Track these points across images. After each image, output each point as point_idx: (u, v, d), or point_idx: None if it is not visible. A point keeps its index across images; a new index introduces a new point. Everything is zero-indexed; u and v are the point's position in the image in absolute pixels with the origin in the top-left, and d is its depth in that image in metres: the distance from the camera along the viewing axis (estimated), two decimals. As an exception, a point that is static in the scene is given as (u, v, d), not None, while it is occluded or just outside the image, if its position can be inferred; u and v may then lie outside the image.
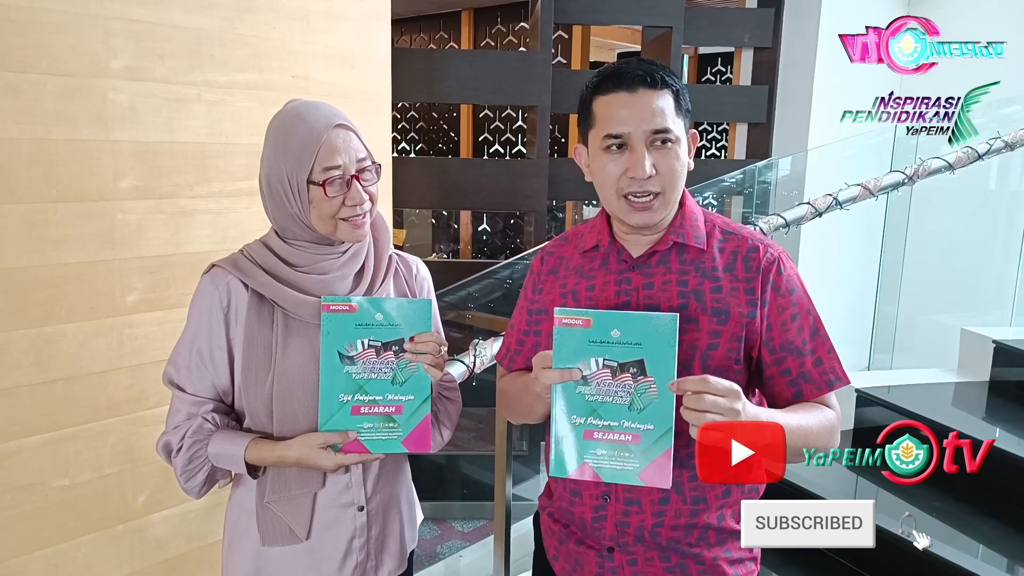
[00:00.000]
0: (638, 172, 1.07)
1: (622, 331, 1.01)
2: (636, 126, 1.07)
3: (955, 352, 3.05)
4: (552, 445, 1.06)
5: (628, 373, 1.02)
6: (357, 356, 1.13)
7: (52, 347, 1.82)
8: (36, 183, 1.76)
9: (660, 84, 1.08)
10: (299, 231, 1.20)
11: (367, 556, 1.27)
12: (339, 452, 1.15)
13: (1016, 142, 2.92)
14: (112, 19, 1.83)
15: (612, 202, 1.13)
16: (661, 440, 1.02)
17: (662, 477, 1.03)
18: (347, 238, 1.19)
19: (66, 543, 1.88)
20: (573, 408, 1.04)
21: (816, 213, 2.63)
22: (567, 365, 1.03)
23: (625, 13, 3.82)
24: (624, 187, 1.10)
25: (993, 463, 2.38)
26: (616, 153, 1.09)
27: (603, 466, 1.04)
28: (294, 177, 1.15)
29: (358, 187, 1.16)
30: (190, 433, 1.17)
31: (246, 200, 2.11)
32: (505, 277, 2.96)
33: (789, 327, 1.11)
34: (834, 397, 1.15)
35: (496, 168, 4.11)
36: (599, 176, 1.13)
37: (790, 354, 1.11)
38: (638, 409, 1.02)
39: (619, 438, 1.03)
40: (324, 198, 1.15)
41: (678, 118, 1.10)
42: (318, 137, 1.14)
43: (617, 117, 1.09)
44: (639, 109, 1.08)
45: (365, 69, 2.38)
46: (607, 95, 1.10)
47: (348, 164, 1.16)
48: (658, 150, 1.08)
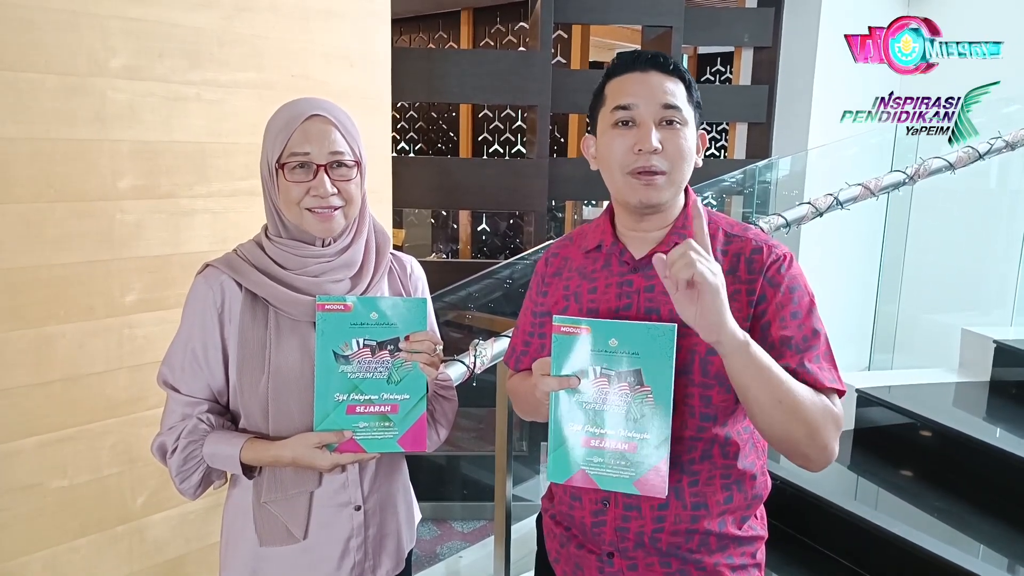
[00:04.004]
0: (645, 144, 1.07)
1: (620, 340, 1.01)
2: (646, 100, 1.08)
3: (956, 352, 3.05)
4: (550, 451, 1.06)
5: (625, 382, 1.02)
6: (352, 355, 1.13)
7: (51, 347, 1.81)
8: (35, 183, 1.75)
9: (673, 70, 1.11)
10: (279, 223, 1.21)
11: (364, 556, 1.26)
12: (335, 451, 1.15)
13: (1017, 142, 2.92)
14: (111, 18, 1.83)
15: (617, 179, 1.12)
16: (657, 450, 1.02)
17: (658, 486, 1.03)
18: (314, 230, 1.19)
19: (65, 544, 1.88)
20: (571, 415, 1.04)
21: (817, 213, 2.62)
22: (565, 373, 1.03)
23: (625, 12, 3.82)
24: (630, 163, 1.09)
25: (993, 463, 2.39)
26: (624, 129, 1.10)
27: (600, 474, 1.05)
28: (271, 160, 1.17)
29: (324, 178, 1.16)
30: (185, 434, 1.17)
31: (246, 200, 2.11)
32: (505, 277, 2.96)
33: (788, 324, 1.09)
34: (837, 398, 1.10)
35: (496, 168, 4.11)
36: (605, 152, 1.13)
37: (788, 349, 1.09)
38: (635, 418, 1.02)
39: (616, 446, 1.03)
40: (287, 183, 1.16)
41: (689, 105, 1.11)
42: (292, 123, 1.16)
43: (628, 91, 1.10)
44: (650, 86, 1.09)
45: (364, 68, 2.38)
46: (619, 76, 1.12)
47: (317, 153, 1.16)
48: (666, 129, 1.09)
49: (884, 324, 3.66)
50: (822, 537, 2.26)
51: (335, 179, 1.17)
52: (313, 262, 1.21)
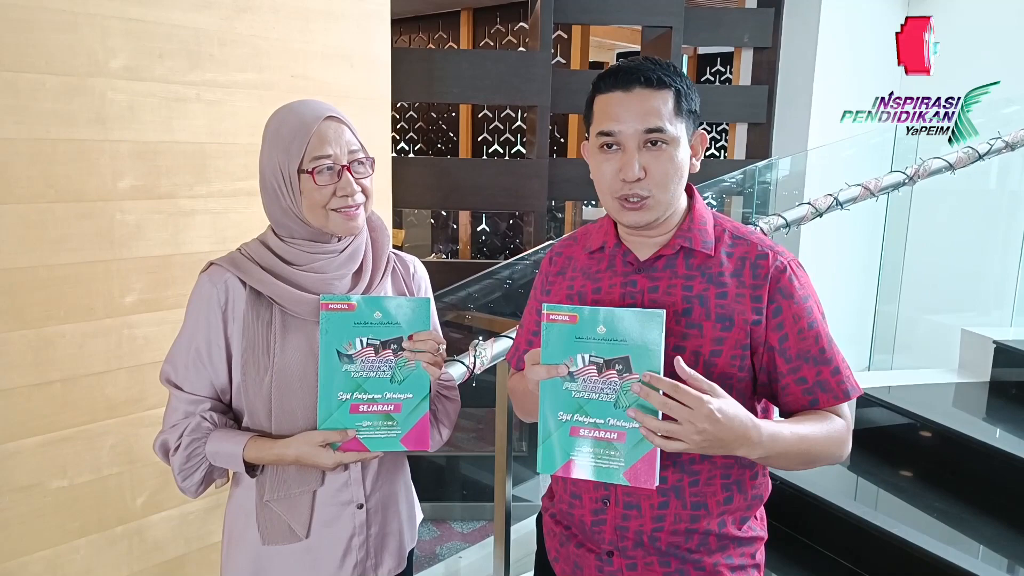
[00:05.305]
0: (627, 174, 1.07)
1: (608, 327, 0.99)
2: (628, 125, 1.06)
3: (956, 352, 3.05)
4: (540, 441, 1.05)
5: (613, 370, 1.00)
6: (356, 355, 1.13)
7: (51, 348, 1.81)
8: (34, 183, 1.75)
9: (658, 83, 1.07)
10: (293, 225, 1.20)
11: (367, 554, 1.26)
12: (338, 450, 1.15)
13: (1016, 142, 2.92)
14: (110, 18, 1.83)
15: (607, 201, 1.13)
16: (647, 440, 0.99)
17: (648, 477, 1.00)
18: (339, 230, 1.19)
19: (65, 544, 1.88)
20: (560, 404, 1.03)
21: (816, 213, 2.63)
22: (554, 361, 1.01)
23: (625, 13, 3.82)
24: (617, 188, 1.09)
25: (993, 463, 2.39)
26: (609, 153, 1.09)
27: (589, 464, 1.03)
28: (286, 167, 1.16)
29: (349, 177, 1.17)
30: (188, 432, 1.17)
31: (245, 200, 2.11)
32: (505, 277, 2.96)
33: (806, 335, 1.10)
34: (848, 407, 1.13)
35: (495, 168, 4.11)
36: (595, 174, 1.13)
37: (806, 362, 1.10)
38: (624, 407, 1.00)
39: (605, 436, 1.01)
40: (314, 187, 1.16)
41: (677, 118, 1.08)
42: (309, 127, 1.15)
43: (611, 114, 1.08)
44: (632, 108, 1.06)
45: (364, 69, 2.38)
46: (605, 93, 1.10)
47: (339, 154, 1.17)
48: (650, 151, 1.07)
49: (884, 324, 3.67)
50: (821, 537, 2.26)
51: (356, 177, 1.18)
52: (323, 257, 1.21)
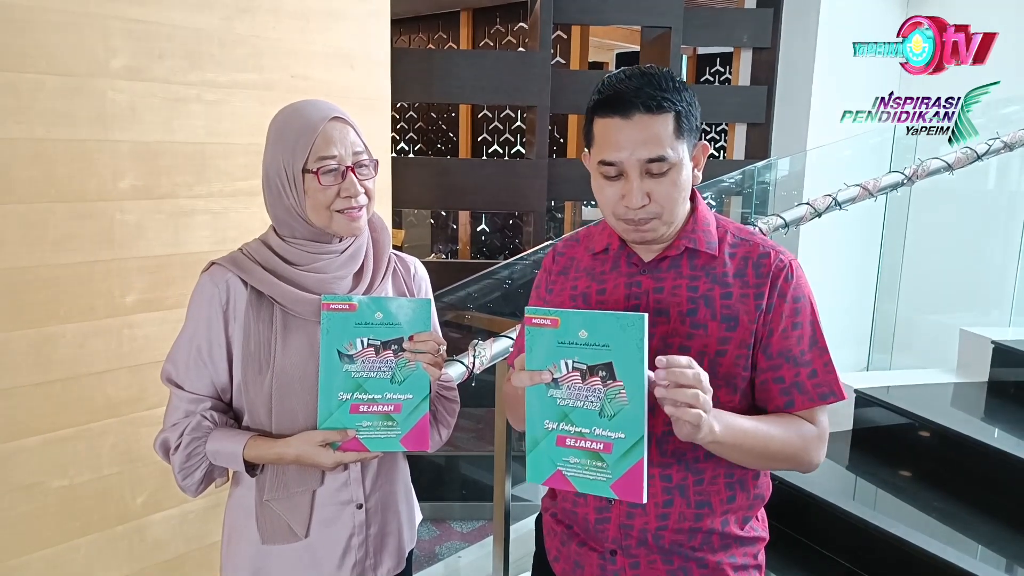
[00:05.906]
0: (631, 203, 1.06)
1: (589, 332, 0.95)
2: (630, 154, 1.05)
3: (954, 352, 3.06)
4: (527, 451, 1.01)
5: (597, 377, 0.95)
6: (356, 355, 1.14)
7: (51, 347, 1.81)
8: (35, 183, 1.75)
9: (657, 108, 1.04)
10: (296, 225, 1.20)
11: (366, 554, 1.27)
12: (338, 450, 1.15)
13: (1015, 142, 2.93)
14: (111, 18, 1.83)
15: (611, 221, 1.13)
16: (633, 451, 0.95)
17: (635, 491, 0.95)
18: (342, 231, 1.20)
19: (65, 544, 1.88)
20: (545, 412, 0.99)
21: (815, 213, 2.63)
22: (537, 367, 0.98)
23: (624, 13, 3.83)
24: (621, 212, 1.09)
25: (993, 463, 2.40)
26: (612, 180, 1.08)
27: (576, 475, 0.98)
28: (290, 167, 1.16)
29: (353, 179, 1.18)
30: (188, 431, 1.17)
31: (246, 200, 2.11)
32: (504, 277, 2.96)
33: (790, 335, 1.10)
34: (824, 413, 1.13)
35: (495, 168, 4.11)
36: (598, 195, 1.13)
37: (787, 362, 1.10)
38: (608, 416, 0.95)
39: (590, 446, 0.97)
40: (319, 187, 1.16)
41: (678, 141, 1.06)
42: (314, 128, 1.16)
43: (611, 143, 1.06)
44: (633, 137, 1.04)
45: (364, 69, 2.38)
46: (604, 118, 1.07)
47: (344, 155, 1.17)
48: (653, 178, 1.06)
49: (883, 324, 3.67)
50: (821, 537, 2.27)
51: (360, 179, 1.19)
52: (324, 258, 1.22)
